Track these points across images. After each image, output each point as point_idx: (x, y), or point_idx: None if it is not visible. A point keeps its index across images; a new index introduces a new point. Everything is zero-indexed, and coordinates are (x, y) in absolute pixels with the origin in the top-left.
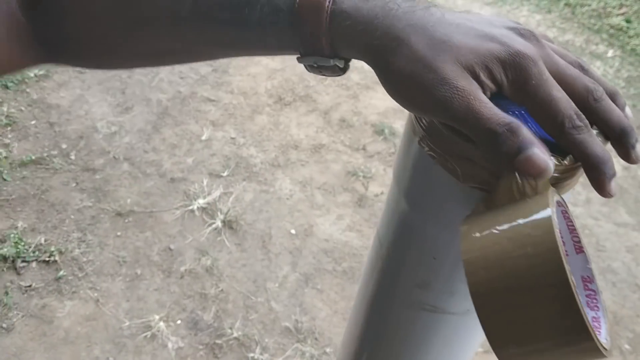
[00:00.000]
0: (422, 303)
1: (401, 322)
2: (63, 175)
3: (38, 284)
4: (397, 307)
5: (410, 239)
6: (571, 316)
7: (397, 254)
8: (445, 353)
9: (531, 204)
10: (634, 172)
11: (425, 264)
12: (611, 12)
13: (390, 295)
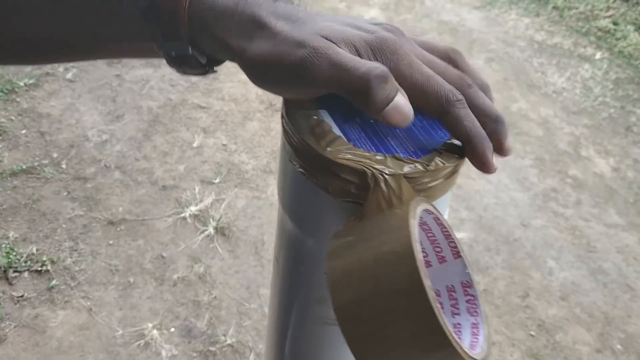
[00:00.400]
0: (324, 317)
1: (307, 337)
2: (54, 184)
3: (30, 293)
4: (301, 322)
5: (301, 256)
6: (434, 332)
7: (291, 272)
8: None
9: (392, 217)
10: (623, 173)
11: (318, 280)
12: (598, 14)
13: (292, 312)
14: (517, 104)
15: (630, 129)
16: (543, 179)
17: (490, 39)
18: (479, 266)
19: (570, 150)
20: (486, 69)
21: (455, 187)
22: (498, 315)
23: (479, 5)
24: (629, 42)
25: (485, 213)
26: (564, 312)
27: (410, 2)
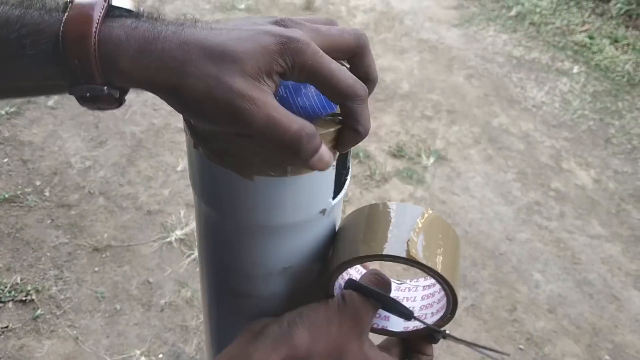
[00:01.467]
0: (230, 287)
1: (222, 308)
2: (38, 212)
3: (15, 324)
4: (216, 292)
5: (212, 231)
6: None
7: (205, 248)
8: None
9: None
10: (604, 184)
11: (226, 249)
12: (574, 29)
13: (209, 284)
14: (498, 119)
15: (609, 140)
16: (526, 192)
17: (470, 55)
18: (465, 281)
19: (552, 163)
20: (466, 85)
21: (440, 203)
22: (486, 330)
23: (457, 23)
24: (605, 55)
25: (470, 228)
26: (552, 324)
27: (389, 21)
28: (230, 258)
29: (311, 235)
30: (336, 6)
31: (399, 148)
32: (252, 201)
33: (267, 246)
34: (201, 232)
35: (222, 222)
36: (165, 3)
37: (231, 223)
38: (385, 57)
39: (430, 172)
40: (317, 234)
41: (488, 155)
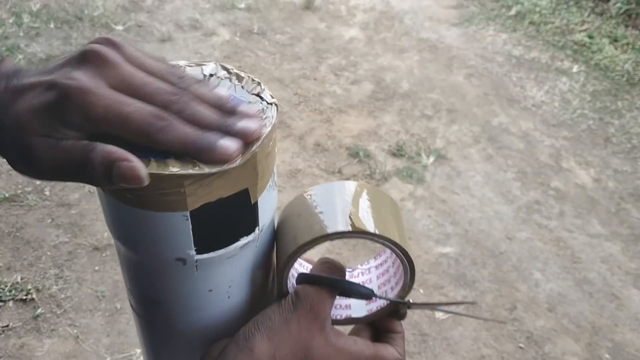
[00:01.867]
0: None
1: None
2: (38, 211)
3: (15, 323)
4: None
5: (126, 264)
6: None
7: (125, 275)
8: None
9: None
10: (604, 183)
11: (134, 276)
12: (574, 28)
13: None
14: (498, 118)
15: (609, 139)
16: (526, 191)
17: (469, 55)
18: (465, 280)
19: (552, 162)
20: (466, 84)
21: (440, 202)
22: (486, 329)
23: (457, 22)
24: (605, 54)
25: (470, 227)
26: (552, 323)
27: (389, 20)
28: (156, 291)
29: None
30: (336, 5)
31: (399, 147)
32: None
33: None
34: (123, 267)
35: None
36: (165, 3)
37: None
38: (385, 57)
39: (430, 171)
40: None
41: (488, 155)
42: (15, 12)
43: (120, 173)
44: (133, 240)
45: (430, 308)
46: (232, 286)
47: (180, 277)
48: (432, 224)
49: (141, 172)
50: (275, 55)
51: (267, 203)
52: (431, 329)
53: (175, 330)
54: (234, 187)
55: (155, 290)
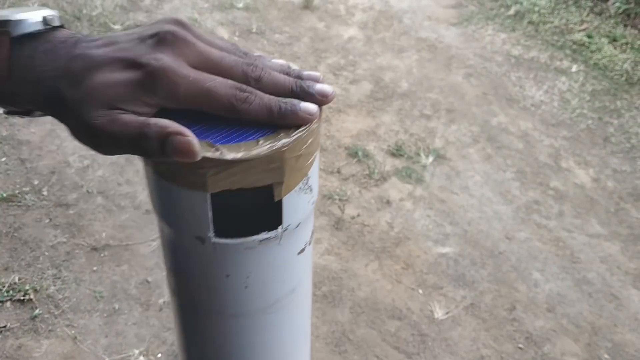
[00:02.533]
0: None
1: (201, 327)
2: (36, 211)
3: (13, 324)
4: (197, 315)
5: (170, 247)
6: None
7: (168, 263)
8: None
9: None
10: (603, 183)
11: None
12: (573, 28)
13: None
14: (497, 118)
15: (608, 139)
16: (525, 191)
17: (468, 54)
18: (465, 280)
19: (551, 162)
20: (465, 84)
21: (439, 202)
22: (486, 329)
23: (455, 22)
24: (604, 54)
25: (469, 227)
26: (551, 323)
27: (388, 20)
28: (181, 266)
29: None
30: (335, 5)
31: (398, 147)
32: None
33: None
34: (165, 253)
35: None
36: (164, 2)
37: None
38: (384, 56)
39: (429, 171)
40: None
41: (487, 154)
42: None
43: (175, 146)
44: (164, 213)
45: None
46: (250, 277)
47: (199, 256)
48: (431, 224)
49: (195, 146)
50: (274, 55)
51: (295, 204)
52: (430, 329)
53: (195, 309)
54: (258, 181)
55: (180, 265)
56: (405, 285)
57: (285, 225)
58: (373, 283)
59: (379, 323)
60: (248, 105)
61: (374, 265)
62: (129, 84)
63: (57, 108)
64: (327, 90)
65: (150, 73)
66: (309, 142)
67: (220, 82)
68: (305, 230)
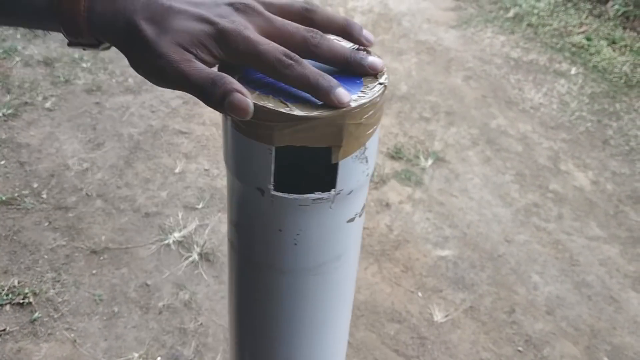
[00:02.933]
0: (264, 264)
1: (253, 286)
2: (35, 214)
3: (12, 327)
4: (246, 270)
5: (246, 206)
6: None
7: (240, 226)
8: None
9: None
10: (602, 185)
11: (261, 228)
12: (572, 30)
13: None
14: (496, 121)
15: (607, 142)
16: (524, 194)
17: (467, 57)
18: (464, 283)
19: (550, 164)
20: (464, 86)
21: (438, 205)
22: (485, 332)
23: (455, 24)
24: (603, 56)
25: (468, 230)
26: (551, 326)
27: (387, 23)
28: (240, 216)
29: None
30: (334, 7)
31: (397, 150)
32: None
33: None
34: (239, 215)
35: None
36: None
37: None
38: (384, 59)
39: (429, 173)
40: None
41: (486, 157)
42: None
43: (234, 101)
44: (233, 164)
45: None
46: (300, 234)
47: (257, 206)
48: (430, 227)
49: (250, 106)
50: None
51: (349, 171)
52: (429, 332)
53: (249, 261)
54: (319, 141)
55: (240, 216)
56: (404, 288)
57: (338, 189)
58: (372, 286)
59: (378, 326)
60: (290, 72)
61: (373, 268)
62: (203, 34)
63: (130, 39)
64: (378, 64)
65: (221, 30)
66: (369, 112)
67: (272, 47)
68: (357, 199)
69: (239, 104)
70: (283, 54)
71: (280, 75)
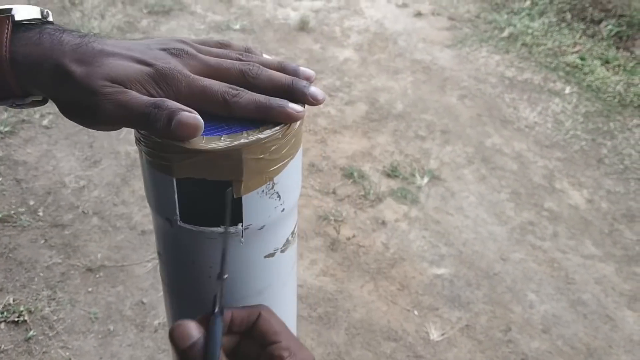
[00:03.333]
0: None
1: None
2: (31, 232)
3: (7, 345)
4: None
5: (165, 236)
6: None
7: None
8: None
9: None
10: (597, 204)
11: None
12: (566, 50)
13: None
14: (491, 139)
15: (601, 160)
16: (519, 212)
17: (463, 76)
18: (460, 301)
19: (545, 183)
20: (459, 105)
21: (434, 223)
22: (481, 350)
23: (450, 44)
24: (596, 76)
25: (464, 248)
26: (547, 345)
27: (383, 42)
28: (159, 244)
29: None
30: (330, 27)
31: (393, 168)
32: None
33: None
34: (161, 243)
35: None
36: (161, 24)
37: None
38: (379, 78)
39: (424, 192)
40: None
41: (481, 175)
42: None
43: (182, 119)
44: (147, 193)
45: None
46: (213, 268)
47: (169, 237)
48: (426, 245)
49: (200, 122)
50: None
51: (256, 206)
52: (426, 350)
53: (171, 292)
54: (219, 175)
55: (158, 244)
56: (400, 307)
57: (245, 224)
58: (368, 304)
59: (374, 344)
60: (238, 99)
61: (369, 286)
62: (140, 73)
63: (58, 81)
64: (319, 95)
65: (160, 70)
66: (272, 148)
67: (215, 82)
68: (274, 234)
69: (188, 120)
70: (227, 86)
71: (229, 106)
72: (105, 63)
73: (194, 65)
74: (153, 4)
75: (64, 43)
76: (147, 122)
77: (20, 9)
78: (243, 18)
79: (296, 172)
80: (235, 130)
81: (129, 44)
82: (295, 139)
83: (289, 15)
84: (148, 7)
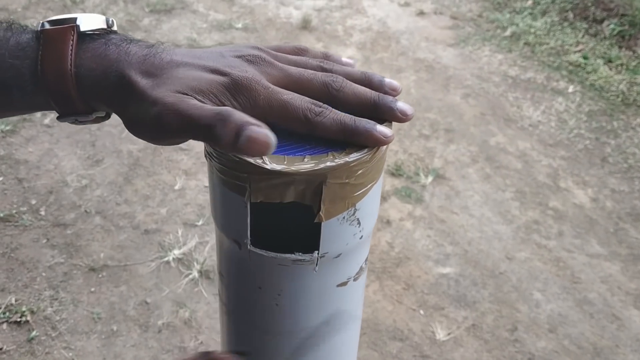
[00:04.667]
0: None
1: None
2: (33, 231)
3: (9, 346)
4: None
5: (233, 262)
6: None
7: (229, 275)
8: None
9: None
10: (602, 203)
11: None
12: (569, 49)
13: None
14: (495, 138)
15: (605, 159)
16: (524, 211)
17: (466, 75)
18: (466, 301)
19: (550, 182)
20: (463, 104)
21: (439, 222)
22: (488, 350)
23: (453, 42)
24: (599, 75)
25: (470, 247)
26: (553, 344)
27: (386, 41)
28: (222, 265)
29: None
30: (333, 26)
31: (397, 167)
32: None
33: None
34: (227, 266)
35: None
36: (163, 22)
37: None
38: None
39: (429, 191)
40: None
41: (486, 174)
42: None
43: (251, 135)
44: (215, 212)
45: None
46: (281, 295)
47: (236, 261)
48: (431, 244)
49: (271, 139)
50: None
51: (335, 233)
52: (432, 350)
53: (231, 316)
54: (297, 198)
55: (222, 265)
56: (406, 306)
57: (322, 252)
58: (374, 304)
59: (380, 344)
60: (322, 119)
61: (374, 285)
62: (214, 83)
63: (121, 94)
64: (407, 110)
65: (235, 79)
66: (358, 172)
67: (297, 96)
68: (349, 263)
69: (258, 137)
70: (310, 102)
71: (311, 125)
72: (174, 74)
73: (273, 74)
74: (155, 2)
75: (130, 54)
76: (211, 135)
77: (85, 19)
78: (245, 17)
79: (377, 196)
80: (319, 151)
81: (200, 52)
82: (380, 162)
83: (291, 14)
84: (150, 6)
